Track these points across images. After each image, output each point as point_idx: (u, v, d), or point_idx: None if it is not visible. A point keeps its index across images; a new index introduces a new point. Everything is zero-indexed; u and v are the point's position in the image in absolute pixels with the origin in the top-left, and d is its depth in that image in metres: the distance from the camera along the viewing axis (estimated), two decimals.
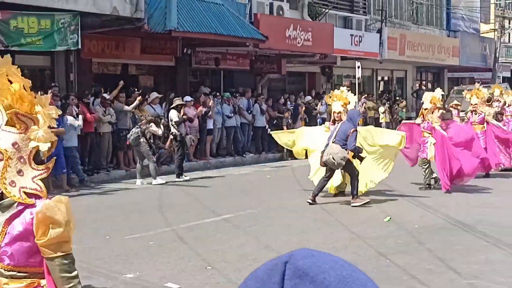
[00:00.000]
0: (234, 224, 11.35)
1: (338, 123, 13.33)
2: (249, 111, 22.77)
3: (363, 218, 11.88)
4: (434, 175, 14.98)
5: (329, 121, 14.82)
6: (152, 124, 16.51)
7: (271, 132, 15.54)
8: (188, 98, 19.48)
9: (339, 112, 13.60)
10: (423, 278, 7.94)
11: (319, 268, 0.83)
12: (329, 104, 14.44)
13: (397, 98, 34.11)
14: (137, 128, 16.43)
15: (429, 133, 14.67)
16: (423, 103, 15.29)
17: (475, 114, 17.31)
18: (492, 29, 43.54)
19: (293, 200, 13.85)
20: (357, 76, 25.70)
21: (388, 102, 32.03)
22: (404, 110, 32.62)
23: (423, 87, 38.70)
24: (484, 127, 17.28)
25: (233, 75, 26.05)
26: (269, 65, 26.17)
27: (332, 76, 31.18)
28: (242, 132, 22.39)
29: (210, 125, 20.70)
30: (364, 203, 12.83)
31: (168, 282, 7.95)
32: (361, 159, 12.81)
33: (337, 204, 13.25)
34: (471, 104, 17.41)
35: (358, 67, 25.44)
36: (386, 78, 36.66)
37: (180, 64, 22.40)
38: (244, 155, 21.98)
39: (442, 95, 15.80)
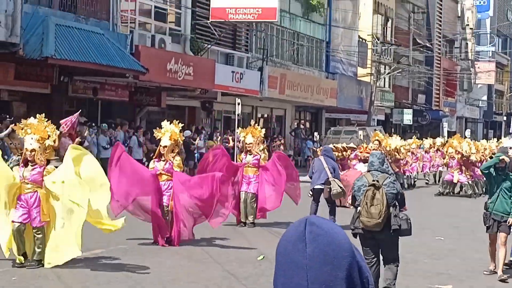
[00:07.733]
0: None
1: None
2: (125, 144, 22.34)
3: (236, 255, 11.74)
4: None
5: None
6: None
7: None
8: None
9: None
10: None
11: (321, 222, 1.88)
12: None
13: (275, 136, 34.41)
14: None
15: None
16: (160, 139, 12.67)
17: (250, 155, 15.11)
18: (369, 73, 45.04)
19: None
20: (237, 113, 25.77)
21: (267, 140, 32.22)
22: (281, 148, 32.93)
23: (302, 126, 39.44)
24: (257, 170, 15.05)
25: (112, 106, 25.56)
26: (148, 97, 25.91)
27: (212, 111, 31.21)
28: None
29: None
30: None
31: None
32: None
33: (213, 241, 13.04)
34: (246, 144, 15.29)
35: (238, 104, 25.52)
36: (266, 115, 37.09)
37: (56, 92, 21.70)
38: None
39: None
